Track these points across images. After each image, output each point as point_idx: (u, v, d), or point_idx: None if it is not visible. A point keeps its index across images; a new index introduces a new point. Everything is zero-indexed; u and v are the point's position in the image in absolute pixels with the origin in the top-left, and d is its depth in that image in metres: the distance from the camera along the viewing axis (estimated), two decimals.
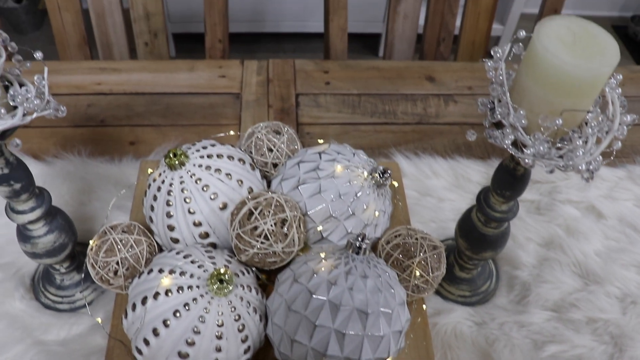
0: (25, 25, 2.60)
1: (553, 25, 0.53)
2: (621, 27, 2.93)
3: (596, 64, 0.51)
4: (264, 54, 2.52)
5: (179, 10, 2.31)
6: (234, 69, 1.13)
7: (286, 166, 0.73)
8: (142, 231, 0.71)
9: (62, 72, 1.13)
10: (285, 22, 2.40)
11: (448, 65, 1.18)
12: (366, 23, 2.41)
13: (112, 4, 1.21)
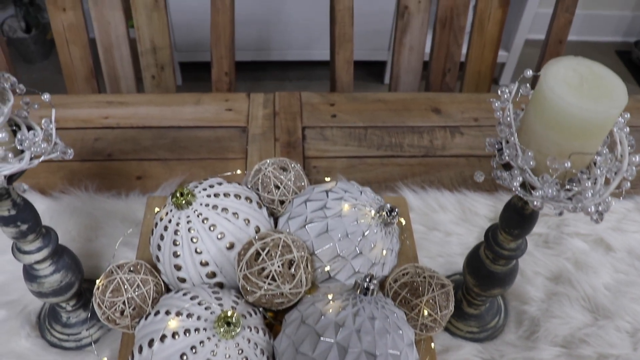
0: (34, 55, 2.63)
1: (559, 67, 0.53)
2: (625, 53, 2.94)
3: (604, 107, 0.51)
4: (270, 82, 2.54)
5: (186, 40, 2.33)
6: (240, 102, 1.14)
7: (293, 204, 0.73)
8: (149, 270, 0.70)
9: (69, 105, 1.13)
10: (291, 51, 2.41)
11: (454, 96, 1.18)
12: (371, 51, 2.43)
13: (120, 38, 1.22)
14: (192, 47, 2.35)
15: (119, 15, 1.20)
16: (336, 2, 1.17)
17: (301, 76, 2.57)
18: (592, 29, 2.97)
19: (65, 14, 1.19)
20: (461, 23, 1.25)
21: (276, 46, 2.40)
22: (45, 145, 0.57)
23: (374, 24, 2.31)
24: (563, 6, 1.24)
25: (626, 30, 2.99)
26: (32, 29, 2.57)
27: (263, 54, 2.42)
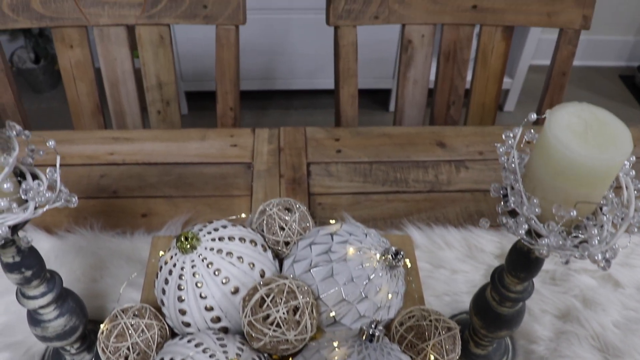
0: (42, 85, 2.65)
1: (564, 113, 0.53)
2: (629, 77, 2.95)
3: (609, 155, 0.50)
4: (275, 110, 2.55)
5: (191, 70, 2.35)
6: (245, 138, 1.14)
7: (298, 247, 0.73)
8: (154, 314, 0.70)
9: (75, 141, 1.14)
10: (295, 80, 2.43)
11: (459, 129, 1.18)
12: (376, 79, 2.44)
13: (126, 74, 1.23)
14: (198, 77, 2.36)
15: (125, 51, 1.21)
16: (340, 38, 1.18)
17: (306, 105, 2.58)
18: (595, 53, 2.98)
19: (73, 51, 1.21)
20: (464, 56, 1.25)
21: (281, 75, 2.41)
22: (50, 194, 0.57)
23: (379, 53, 2.33)
24: (566, 38, 1.24)
25: (629, 55, 3.00)
26: (41, 60, 2.60)
27: (268, 83, 2.44)
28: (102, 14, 1.17)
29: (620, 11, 2.83)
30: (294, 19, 2.23)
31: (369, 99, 2.62)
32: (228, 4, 1.15)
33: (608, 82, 2.91)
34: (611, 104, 2.77)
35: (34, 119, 2.49)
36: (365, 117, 2.53)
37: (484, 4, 1.20)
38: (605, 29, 2.90)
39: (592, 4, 1.21)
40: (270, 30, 2.26)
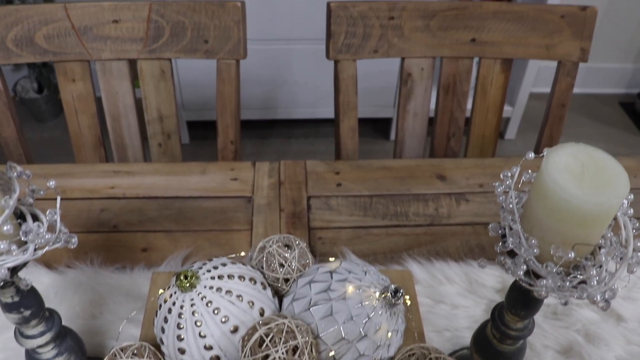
0: (45, 115, 2.67)
1: (560, 155, 0.53)
2: (628, 104, 2.97)
3: (606, 197, 0.50)
4: (277, 139, 2.56)
5: (193, 99, 2.36)
6: (246, 171, 1.14)
7: (298, 284, 0.73)
8: (153, 352, 0.70)
9: (76, 175, 1.14)
10: (297, 110, 2.44)
11: (459, 162, 1.19)
12: (377, 108, 2.45)
13: (127, 107, 1.23)
14: (200, 106, 2.38)
15: (126, 85, 1.22)
16: (340, 71, 1.19)
17: (308, 134, 2.59)
18: (595, 81, 3.00)
19: (75, 85, 1.22)
20: (464, 88, 1.26)
21: (282, 105, 2.43)
22: (50, 235, 0.57)
23: (379, 82, 2.34)
24: (564, 71, 1.25)
25: (629, 82, 3.02)
26: (44, 89, 2.62)
27: (270, 112, 2.45)
28: (105, 49, 1.18)
29: (618, 39, 2.85)
30: (295, 50, 2.25)
31: (370, 127, 2.63)
32: (229, 39, 1.16)
33: (608, 109, 2.93)
34: (612, 131, 2.77)
35: (37, 148, 2.51)
36: (367, 145, 2.54)
37: (483, 37, 1.22)
38: (604, 56, 2.92)
39: (590, 36, 1.22)
40: (272, 61, 2.27)
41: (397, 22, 1.18)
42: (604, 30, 2.80)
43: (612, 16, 2.76)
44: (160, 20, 1.16)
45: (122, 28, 1.17)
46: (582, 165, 0.53)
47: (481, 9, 1.19)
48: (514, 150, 2.61)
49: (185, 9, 1.15)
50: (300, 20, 2.16)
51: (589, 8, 1.20)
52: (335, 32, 1.16)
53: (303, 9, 2.13)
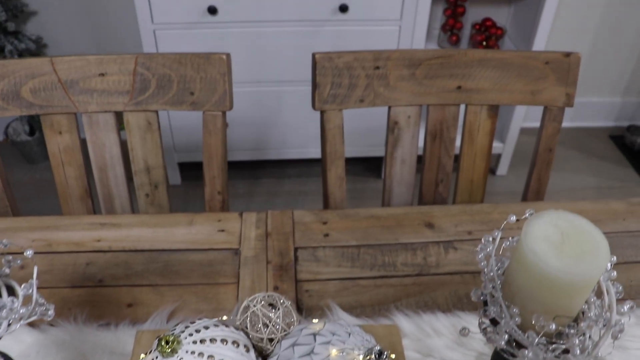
0: (36, 156, 2.67)
1: (540, 224, 0.53)
2: (618, 137, 2.99)
3: (586, 268, 0.50)
4: (268, 179, 2.56)
5: (184, 141, 2.36)
6: (233, 222, 1.14)
7: (281, 346, 0.72)
8: None
9: (62, 228, 1.13)
10: (288, 150, 2.44)
11: (447, 209, 1.18)
12: (368, 147, 2.46)
13: (114, 159, 1.23)
14: (191, 147, 2.38)
15: (113, 137, 1.22)
16: (326, 121, 1.19)
17: (299, 173, 2.59)
18: (585, 115, 3.02)
19: (61, 137, 1.21)
20: (451, 135, 1.26)
21: (273, 146, 2.43)
22: (24, 310, 0.56)
23: (370, 122, 2.35)
24: (550, 116, 1.26)
25: (618, 115, 3.05)
26: (35, 132, 2.62)
27: (261, 153, 2.45)
28: (91, 102, 1.18)
29: (606, 73, 2.88)
30: (285, 91, 2.26)
31: (361, 166, 2.63)
32: (215, 91, 1.17)
33: (598, 143, 2.94)
34: (602, 165, 2.78)
35: (27, 189, 2.51)
36: (359, 184, 2.54)
37: (469, 85, 1.22)
38: (593, 90, 2.95)
39: (575, 82, 1.23)
40: (262, 102, 2.28)
41: (383, 72, 1.19)
42: (592, 64, 2.83)
43: (600, 51, 2.79)
44: (146, 73, 1.17)
45: (108, 81, 1.17)
46: (562, 234, 0.52)
47: (466, 57, 1.20)
48: (506, 187, 2.61)
49: (171, 62, 1.16)
50: (289, 63, 2.18)
51: (573, 54, 1.21)
52: (320, 83, 1.17)
53: (292, 52, 2.15)
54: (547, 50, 2.72)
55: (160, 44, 2.08)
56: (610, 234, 1.15)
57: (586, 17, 2.67)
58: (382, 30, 2.12)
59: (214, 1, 2.00)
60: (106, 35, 2.58)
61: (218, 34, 2.07)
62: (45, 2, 2.47)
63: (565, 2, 2.61)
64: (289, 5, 2.03)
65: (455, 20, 2.37)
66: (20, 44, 2.37)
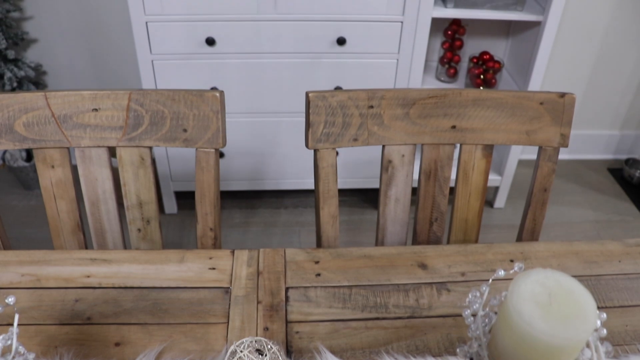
0: (32, 182, 2.67)
1: (527, 283, 0.52)
2: (617, 170, 2.99)
3: (573, 331, 0.49)
4: (266, 209, 2.56)
5: (180, 170, 2.36)
6: (225, 260, 1.13)
7: None
8: None
9: (52, 262, 1.12)
10: (285, 180, 2.44)
11: (441, 249, 1.17)
12: (366, 179, 2.46)
13: (106, 193, 1.23)
14: (187, 177, 2.38)
15: (106, 172, 1.21)
16: (319, 160, 1.19)
17: (297, 204, 2.59)
18: (583, 147, 3.03)
19: (54, 171, 1.21)
20: (445, 174, 1.26)
21: (271, 176, 2.43)
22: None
23: (367, 154, 2.35)
24: (545, 156, 1.25)
25: (616, 148, 3.05)
26: (32, 158, 2.62)
27: (258, 183, 2.45)
28: (84, 136, 1.18)
29: (604, 106, 2.89)
30: (283, 122, 2.26)
31: (359, 197, 2.63)
32: (207, 129, 1.16)
33: (597, 175, 2.94)
34: (601, 198, 2.78)
35: (23, 215, 2.50)
36: (356, 216, 2.53)
37: (463, 124, 1.22)
38: (591, 123, 2.95)
39: (569, 123, 1.23)
40: (260, 133, 2.29)
41: (377, 111, 1.19)
42: (590, 96, 2.84)
43: (598, 83, 2.80)
44: (139, 109, 1.17)
45: (101, 116, 1.17)
46: (549, 294, 0.52)
47: (461, 96, 1.20)
48: (504, 220, 2.60)
49: (165, 99, 1.16)
50: (287, 94, 2.19)
51: (567, 95, 1.21)
52: (314, 122, 1.17)
53: (290, 84, 2.16)
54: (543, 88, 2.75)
55: (158, 74, 2.09)
56: (606, 276, 1.14)
57: (584, 49, 2.68)
58: (380, 63, 2.13)
59: (212, 33, 2.01)
60: (105, 63, 2.59)
61: (216, 64, 2.08)
62: (46, 30, 2.48)
63: (563, 35, 2.62)
64: (286, 37, 2.04)
65: (453, 54, 2.38)
66: (20, 72, 2.38)
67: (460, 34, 2.38)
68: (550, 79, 2.77)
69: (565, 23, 2.59)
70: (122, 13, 2.44)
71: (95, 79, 2.64)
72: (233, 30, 2.01)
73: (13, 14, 2.41)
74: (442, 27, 2.45)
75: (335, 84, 2.16)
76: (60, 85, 2.66)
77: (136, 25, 1.98)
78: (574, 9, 2.55)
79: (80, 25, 2.47)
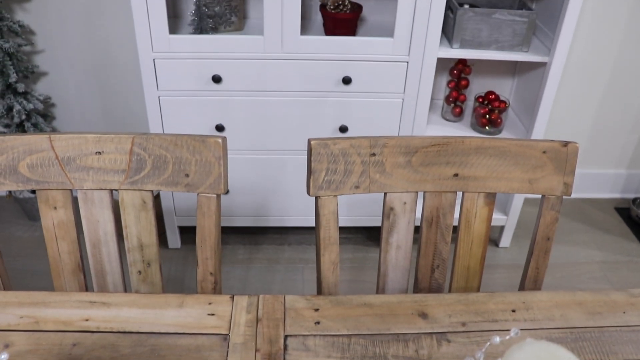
0: (37, 213, 2.68)
1: (521, 357, 0.51)
2: (624, 209, 2.97)
3: None
4: (269, 246, 2.56)
5: (184, 205, 2.37)
6: (224, 305, 1.12)
7: None
8: None
9: (51, 304, 1.12)
10: (289, 217, 2.44)
11: (442, 298, 1.16)
12: (370, 217, 2.45)
13: (108, 235, 1.23)
14: (192, 212, 2.38)
15: (107, 214, 1.21)
16: (320, 207, 1.19)
17: (301, 240, 2.59)
18: (590, 186, 3.02)
19: (56, 212, 1.21)
20: (447, 221, 1.25)
21: (275, 213, 2.43)
22: None
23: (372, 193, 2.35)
24: (548, 204, 1.25)
25: (623, 188, 3.04)
26: None
27: (262, 219, 2.45)
28: (87, 179, 1.19)
29: (610, 145, 2.89)
30: (288, 159, 2.27)
31: (363, 235, 2.63)
32: (209, 174, 1.17)
33: (603, 215, 2.92)
34: (608, 238, 2.76)
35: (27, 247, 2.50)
36: (360, 253, 2.53)
37: (465, 172, 1.22)
38: (597, 162, 2.95)
39: (572, 171, 1.22)
40: (265, 169, 2.29)
41: (379, 159, 1.19)
42: (597, 135, 2.84)
43: (604, 123, 2.80)
44: (142, 153, 1.17)
45: (104, 159, 1.18)
46: None
47: (463, 144, 1.20)
48: (509, 259, 2.59)
49: (168, 143, 1.16)
50: (292, 132, 2.20)
51: (570, 144, 1.21)
52: (316, 169, 1.17)
53: (296, 121, 2.17)
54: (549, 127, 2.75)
55: (165, 110, 2.11)
56: (609, 328, 1.13)
57: (591, 88, 2.69)
58: (386, 102, 2.14)
59: (218, 70, 2.02)
60: (113, 97, 2.62)
61: (222, 102, 2.10)
62: (56, 63, 2.51)
63: (569, 74, 2.63)
64: (292, 76, 2.06)
65: (459, 93, 2.39)
66: (29, 104, 2.40)
67: (466, 73, 2.39)
68: (557, 118, 2.77)
69: (571, 63, 2.60)
70: (131, 49, 2.47)
71: (103, 112, 2.66)
72: (239, 68, 2.03)
73: (25, 48, 2.44)
74: (448, 66, 2.46)
75: (340, 122, 2.17)
76: (68, 118, 2.68)
77: (144, 62, 2.00)
78: (580, 49, 2.57)
79: (89, 59, 2.50)
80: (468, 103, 2.53)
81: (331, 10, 2.09)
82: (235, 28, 2.18)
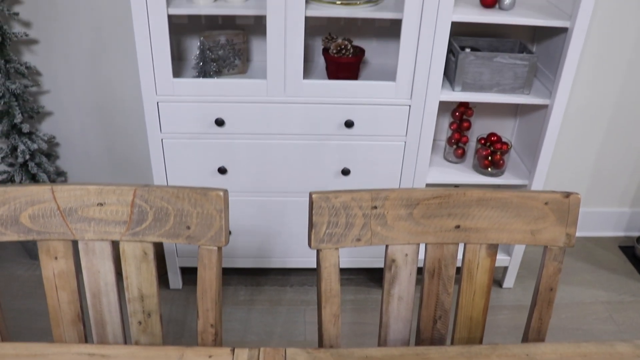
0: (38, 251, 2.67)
1: None
2: (628, 248, 2.96)
3: None
4: (271, 287, 2.55)
5: (187, 247, 2.36)
6: (224, 358, 1.11)
7: None
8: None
9: (49, 357, 1.11)
10: (291, 259, 2.43)
11: (444, 350, 1.15)
12: (373, 259, 2.45)
13: (108, 285, 1.23)
14: (194, 252, 2.37)
15: (108, 264, 1.21)
16: (322, 260, 1.19)
17: (303, 282, 2.57)
18: (594, 224, 3.01)
19: (57, 262, 1.21)
20: (449, 272, 1.25)
21: (277, 255, 2.42)
22: None
23: None
24: (551, 255, 1.24)
25: (627, 226, 3.03)
26: None
27: (264, 261, 2.44)
28: (88, 230, 1.19)
29: (613, 184, 2.89)
30: (290, 202, 2.27)
31: (365, 276, 2.61)
32: (211, 227, 1.17)
33: (608, 253, 2.91)
34: (612, 277, 2.74)
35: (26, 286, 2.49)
36: (362, 295, 2.51)
37: (467, 224, 1.22)
38: (601, 201, 2.94)
39: (575, 222, 1.22)
40: (267, 211, 2.29)
41: (380, 211, 1.19)
42: (600, 174, 2.84)
43: (607, 162, 2.80)
44: (143, 205, 1.17)
45: (106, 211, 1.18)
46: None
47: (465, 196, 1.20)
48: (512, 300, 2.57)
49: (169, 196, 1.17)
50: (295, 174, 2.20)
51: (572, 195, 1.21)
52: (317, 223, 1.17)
53: (298, 164, 2.17)
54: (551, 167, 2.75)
55: (167, 152, 2.11)
56: None
57: (593, 127, 2.70)
58: (388, 145, 2.15)
59: (221, 114, 2.04)
60: (116, 137, 2.63)
61: (225, 144, 2.11)
62: (61, 103, 2.53)
63: (571, 115, 2.64)
64: (295, 119, 2.07)
65: (461, 135, 2.39)
66: (33, 144, 2.41)
67: (468, 115, 2.40)
68: (560, 158, 2.77)
69: (573, 103, 2.61)
70: (135, 90, 2.49)
71: (107, 152, 2.68)
72: (242, 111, 2.04)
73: (31, 89, 2.46)
74: (450, 108, 2.47)
75: (342, 165, 2.17)
76: (72, 157, 2.69)
77: (147, 105, 2.01)
78: (581, 90, 2.58)
79: (94, 100, 2.53)
80: (470, 144, 2.53)
81: (334, 54, 2.11)
82: (239, 71, 2.20)
